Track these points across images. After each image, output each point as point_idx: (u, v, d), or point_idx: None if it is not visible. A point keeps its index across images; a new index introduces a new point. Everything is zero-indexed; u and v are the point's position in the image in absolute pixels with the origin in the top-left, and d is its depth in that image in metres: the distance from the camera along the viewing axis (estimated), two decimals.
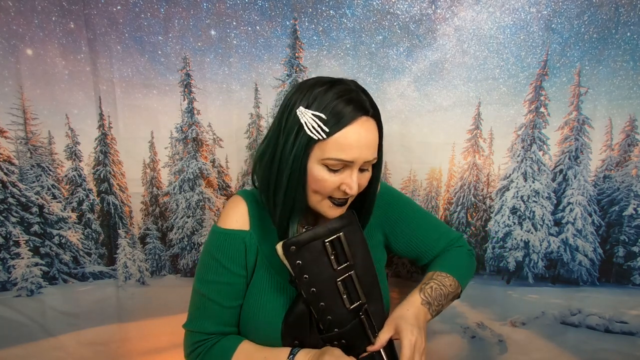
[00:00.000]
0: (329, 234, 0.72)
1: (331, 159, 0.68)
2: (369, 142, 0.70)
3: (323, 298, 0.72)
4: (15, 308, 1.28)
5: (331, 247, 0.72)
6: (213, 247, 0.81)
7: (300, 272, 0.70)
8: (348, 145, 0.67)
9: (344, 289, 0.72)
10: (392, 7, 1.14)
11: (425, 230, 0.94)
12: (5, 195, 1.21)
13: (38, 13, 1.11)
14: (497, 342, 1.34)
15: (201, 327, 0.81)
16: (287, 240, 0.69)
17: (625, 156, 1.21)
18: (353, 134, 0.67)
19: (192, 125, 1.25)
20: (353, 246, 0.74)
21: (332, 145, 0.67)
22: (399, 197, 0.97)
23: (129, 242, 1.33)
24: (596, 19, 1.10)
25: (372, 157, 0.72)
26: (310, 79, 0.73)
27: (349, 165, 0.70)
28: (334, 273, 0.72)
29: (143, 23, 1.15)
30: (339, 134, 0.67)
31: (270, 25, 1.16)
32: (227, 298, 0.81)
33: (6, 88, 1.14)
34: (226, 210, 0.84)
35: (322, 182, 0.70)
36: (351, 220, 0.75)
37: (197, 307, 0.83)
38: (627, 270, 1.26)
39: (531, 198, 1.26)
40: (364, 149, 0.69)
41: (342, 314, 0.73)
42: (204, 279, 0.81)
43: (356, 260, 0.74)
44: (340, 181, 0.70)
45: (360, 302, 0.74)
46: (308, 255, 0.70)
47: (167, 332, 1.35)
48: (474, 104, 1.20)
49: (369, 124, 0.70)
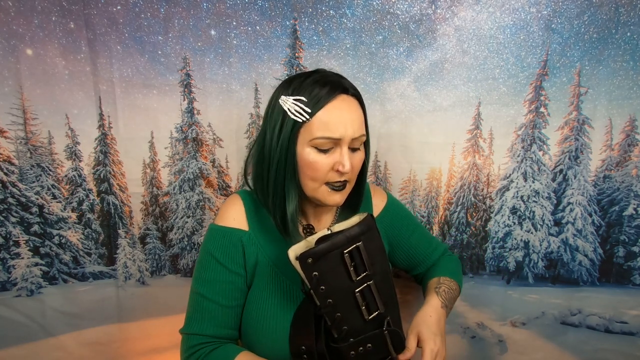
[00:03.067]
0: (347, 243, 0.68)
1: (319, 138, 0.69)
2: (353, 118, 0.70)
3: (340, 309, 0.69)
4: (15, 308, 1.28)
5: (350, 257, 0.68)
6: (210, 244, 0.79)
7: (317, 284, 0.67)
8: (332, 122, 0.68)
9: (362, 300, 0.69)
10: (392, 7, 1.14)
11: (423, 244, 0.97)
12: (5, 195, 1.21)
13: (38, 13, 1.12)
14: (497, 342, 1.34)
15: (199, 329, 0.78)
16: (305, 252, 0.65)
17: (625, 156, 1.21)
18: (335, 109, 0.69)
19: (192, 125, 1.25)
20: (372, 255, 0.70)
21: (317, 125, 0.68)
22: (403, 209, 0.99)
23: (129, 242, 1.33)
24: (596, 19, 1.10)
25: (359, 133, 0.71)
26: (288, 77, 0.76)
27: (338, 144, 0.70)
28: (352, 284, 0.69)
29: (143, 23, 1.15)
30: (322, 112, 0.68)
31: (270, 25, 1.16)
32: (226, 297, 0.78)
33: (6, 88, 1.14)
34: (223, 208, 0.83)
35: (314, 164, 0.70)
36: (370, 225, 0.71)
37: (195, 309, 0.80)
38: (627, 270, 1.26)
39: (531, 198, 1.26)
40: (348, 125, 0.69)
41: (359, 324, 0.70)
42: (201, 278, 0.80)
43: (375, 269, 0.71)
44: (333, 161, 0.70)
45: (379, 312, 0.71)
46: (325, 266, 0.67)
47: (167, 332, 1.35)
48: (474, 104, 1.20)
49: (350, 101, 0.71)
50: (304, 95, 0.69)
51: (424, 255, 0.96)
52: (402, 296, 1.22)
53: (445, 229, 1.33)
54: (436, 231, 1.34)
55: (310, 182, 0.73)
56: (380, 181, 1.29)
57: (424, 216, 1.33)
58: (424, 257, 0.96)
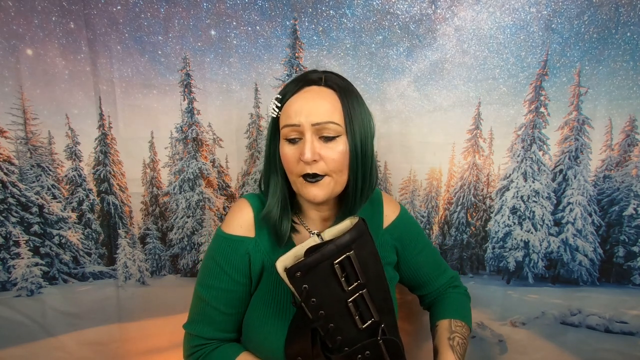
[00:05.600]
0: (338, 253, 0.65)
1: (284, 127, 0.72)
2: (317, 105, 0.70)
3: (333, 320, 0.67)
4: (15, 308, 1.28)
5: (340, 268, 0.65)
6: (216, 251, 0.80)
7: (307, 297, 0.65)
8: (293, 111, 0.71)
9: (355, 309, 0.68)
10: (392, 7, 1.14)
11: (429, 265, 0.96)
12: (5, 195, 1.21)
13: (38, 13, 1.11)
14: (497, 342, 1.34)
15: (200, 332, 0.81)
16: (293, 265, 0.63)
17: (625, 156, 1.21)
18: (297, 99, 0.72)
19: (192, 125, 1.25)
20: (364, 262, 0.68)
21: (283, 116, 0.73)
22: (415, 225, 0.97)
23: (129, 242, 1.33)
24: (596, 19, 1.10)
25: (323, 119, 0.70)
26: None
27: (302, 132, 0.71)
28: (344, 294, 0.67)
29: (143, 23, 1.15)
30: (287, 104, 0.73)
31: (270, 25, 1.16)
32: (227, 305, 0.79)
33: (6, 88, 1.14)
34: (231, 214, 0.82)
35: (285, 156, 0.73)
36: (361, 231, 0.68)
37: (197, 311, 0.82)
38: (627, 270, 1.26)
39: (531, 198, 1.26)
40: (311, 112, 0.70)
41: (353, 334, 0.69)
42: (205, 283, 0.80)
43: (368, 276, 0.69)
44: (299, 151, 0.71)
45: (373, 320, 0.69)
46: (315, 278, 0.64)
47: (167, 332, 1.35)
48: (474, 104, 1.20)
49: (318, 90, 0.72)
50: (280, 93, 0.75)
51: (428, 277, 0.95)
52: (402, 296, 1.22)
53: (445, 229, 1.34)
54: (436, 231, 1.34)
55: (289, 176, 0.76)
56: (380, 181, 1.29)
57: (424, 216, 1.33)
58: (428, 279, 0.95)
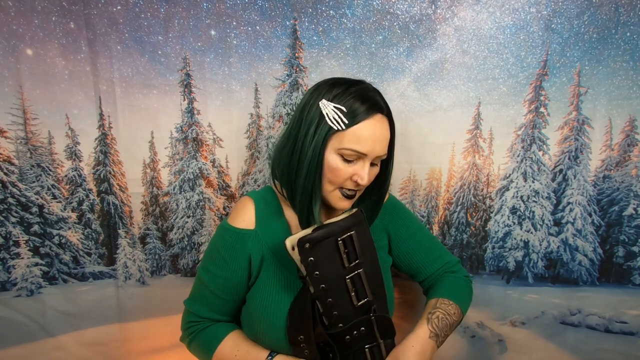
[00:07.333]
0: (342, 231, 0.74)
1: (347, 149, 0.74)
2: (383, 138, 0.77)
3: (331, 294, 0.74)
4: (15, 308, 1.28)
5: (343, 245, 0.74)
6: (220, 240, 0.86)
7: (313, 269, 0.72)
8: (364, 138, 0.73)
9: (352, 286, 0.75)
10: (392, 7, 1.14)
11: (426, 246, 0.97)
12: (5, 195, 1.21)
13: (38, 13, 1.11)
14: (497, 342, 1.34)
15: (197, 310, 0.88)
16: (302, 237, 0.71)
17: (625, 156, 1.21)
18: (369, 128, 0.74)
19: (192, 125, 1.25)
20: (362, 245, 0.76)
21: (349, 137, 0.73)
22: (403, 209, 1.00)
23: (129, 242, 1.33)
24: (596, 19, 1.10)
25: (383, 152, 0.78)
26: (330, 79, 0.79)
27: (362, 158, 0.75)
28: (344, 270, 0.74)
29: (143, 23, 1.15)
30: (357, 127, 0.73)
31: (270, 25, 1.16)
32: (223, 291, 0.85)
33: (6, 88, 1.14)
34: (236, 209, 0.88)
35: (336, 170, 0.75)
36: (361, 219, 0.77)
37: (197, 290, 0.89)
38: (627, 270, 1.26)
39: (531, 198, 1.26)
40: (377, 144, 0.75)
41: (348, 310, 0.75)
42: (206, 267, 0.87)
43: (365, 258, 0.76)
44: (353, 172, 0.76)
45: (367, 299, 0.76)
46: (321, 252, 0.72)
47: (167, 332, 1.35)
48: (474, 104, 1.20)
49: (383, 122, 0.77)
50: (344, 106, 0.73)
51: (423, 262, 0.96)
52: (402, 296, 1.22)
53: (445, 229, 1.34)
54: (436, 231, 1.34)
55: (327, 185, 0.78)
56: None
57: (423, 216, 1.33)
58: (423, 264, 0.96)
